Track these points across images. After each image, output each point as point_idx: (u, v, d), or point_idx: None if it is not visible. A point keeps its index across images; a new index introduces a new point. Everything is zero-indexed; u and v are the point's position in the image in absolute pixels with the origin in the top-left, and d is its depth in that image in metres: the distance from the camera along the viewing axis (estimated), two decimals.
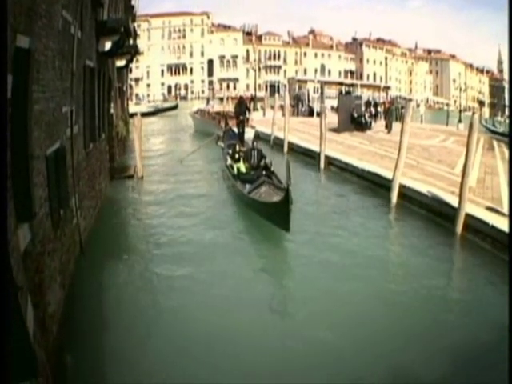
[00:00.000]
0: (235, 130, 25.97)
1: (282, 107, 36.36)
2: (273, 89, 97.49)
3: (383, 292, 9.41)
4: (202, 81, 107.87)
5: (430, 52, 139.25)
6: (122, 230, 13.71)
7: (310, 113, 45.52)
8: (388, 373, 6.87)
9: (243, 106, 26.45)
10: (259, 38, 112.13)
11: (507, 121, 53.36)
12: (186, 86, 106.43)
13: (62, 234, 8.66)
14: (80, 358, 7.17)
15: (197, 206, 15.71)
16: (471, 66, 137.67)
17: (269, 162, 17.58)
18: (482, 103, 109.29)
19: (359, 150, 23.28)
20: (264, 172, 16.70)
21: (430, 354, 7.18)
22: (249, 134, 25.21)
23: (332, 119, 32.31)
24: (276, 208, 12.01)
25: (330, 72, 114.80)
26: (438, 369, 6.87)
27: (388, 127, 31.44)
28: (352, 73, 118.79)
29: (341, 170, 20.72)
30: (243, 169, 17.42)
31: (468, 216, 12.31)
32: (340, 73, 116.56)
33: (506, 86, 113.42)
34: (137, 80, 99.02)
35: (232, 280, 9.95)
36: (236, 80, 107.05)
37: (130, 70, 55.57)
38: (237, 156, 18.44)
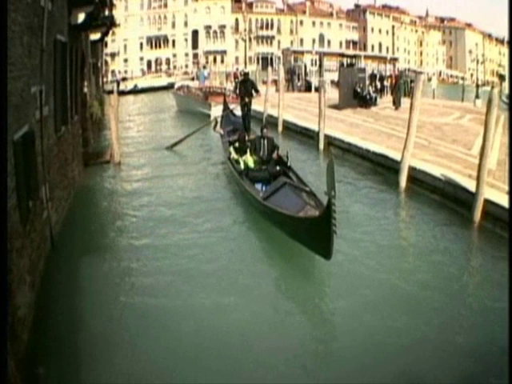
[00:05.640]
0: (236, 112, 24.62)
1: (275, 82, 36.39)
2: (265, 62, 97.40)
3: (397, 287, 9.47)
4: (186, 54, 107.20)
5: (442, 20, 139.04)
6: (97, 223, 13.57)
7: (308, 88, 45.54)
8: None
9: (249, 85, 23.53)
10: (250, 5, 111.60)
11: None
12: (168, 61, 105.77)
13: (31, 228, 8.64)
14: (53, 368, 7.16)
15: (185, 197, 15.60)
16: (490, 35, 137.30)
17: (284, 153, 15.73)
18: (502, 77, 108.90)
19: (363, 129, 23.33)
20: (278, 167, 15.09)
21: (446, 353, 7.38)
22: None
23: (332, 95, 32.49)
24: (312, 226, 9.73)
25: (329, 42, 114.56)
26: (453, 368, 7.09)
27: (395, 103, 31.46)
28: (355, 43, 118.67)
29: (342, 151, 20.74)
30: (251, 163, 15.50)
31: (487, 202, 12.30)
32: (341, 43, 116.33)
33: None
34: (113, 55, 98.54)
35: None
36: (224, 53, 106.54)
37: (106, 45, 55.48)
38: (241, 146, 16.58)
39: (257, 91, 23.51)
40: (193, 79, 56.98)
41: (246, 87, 23.12)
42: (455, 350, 7.62)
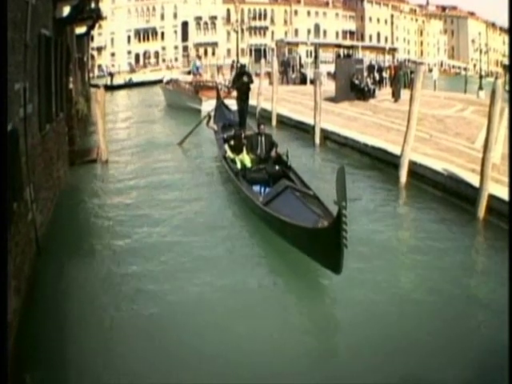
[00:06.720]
0: (231, 106, 23.78)
1: (269, 74, 36.43)
2: (258, 54, 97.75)
3: (399, 291, 9.47)
4: (176, 47, 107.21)
5: (444, 8, 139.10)
6: (83, 224, 13.46)
7: (303, 80, 45.55)
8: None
9: (246, 78, 22.70)
10: None
11: None
12: (157, 54, 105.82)
13: (15, 231, 8.61)
14: (40, 375, 7.15)
15: (176, 195, 15.43)
16: (493, 24, 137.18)
17: (283, 151, 14.97)
18: (506, 67, 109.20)
19: (361, 122, 23.43)
20: (277, 167, 14.39)
21: (450, 357, 7.42)
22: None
23: (328, 87, 32.41)
24: (319, 237, 9.26)
25: (325, 33, 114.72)
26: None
27: (395, 95, 31.49)
28: (352, 33, 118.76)
29: (339, 146, 20.84)
30: (248, 162, 15.12)
31: (491, 197, 12.35)
32: (337, 33, 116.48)
33: None
34: (99, 49, 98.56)
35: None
36: (215, 45, 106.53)
37: (92, 38, 55.44)
38: (237, 144, 15.92)
39: (252, 82, 23.07)
40: (189, 73, 56.80)
41: (242, 80, 22.48)
42: (458, 352, 7.67)
